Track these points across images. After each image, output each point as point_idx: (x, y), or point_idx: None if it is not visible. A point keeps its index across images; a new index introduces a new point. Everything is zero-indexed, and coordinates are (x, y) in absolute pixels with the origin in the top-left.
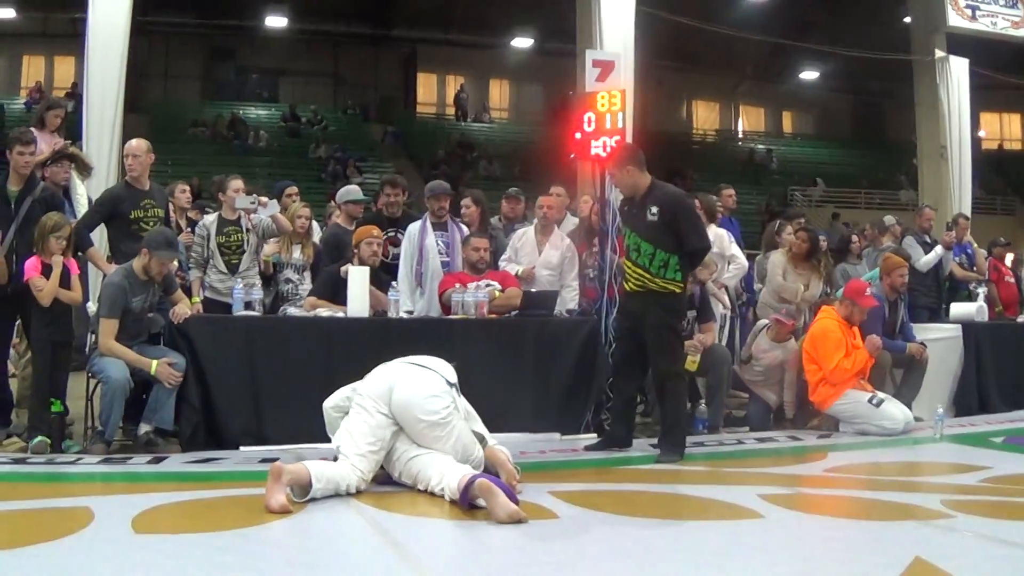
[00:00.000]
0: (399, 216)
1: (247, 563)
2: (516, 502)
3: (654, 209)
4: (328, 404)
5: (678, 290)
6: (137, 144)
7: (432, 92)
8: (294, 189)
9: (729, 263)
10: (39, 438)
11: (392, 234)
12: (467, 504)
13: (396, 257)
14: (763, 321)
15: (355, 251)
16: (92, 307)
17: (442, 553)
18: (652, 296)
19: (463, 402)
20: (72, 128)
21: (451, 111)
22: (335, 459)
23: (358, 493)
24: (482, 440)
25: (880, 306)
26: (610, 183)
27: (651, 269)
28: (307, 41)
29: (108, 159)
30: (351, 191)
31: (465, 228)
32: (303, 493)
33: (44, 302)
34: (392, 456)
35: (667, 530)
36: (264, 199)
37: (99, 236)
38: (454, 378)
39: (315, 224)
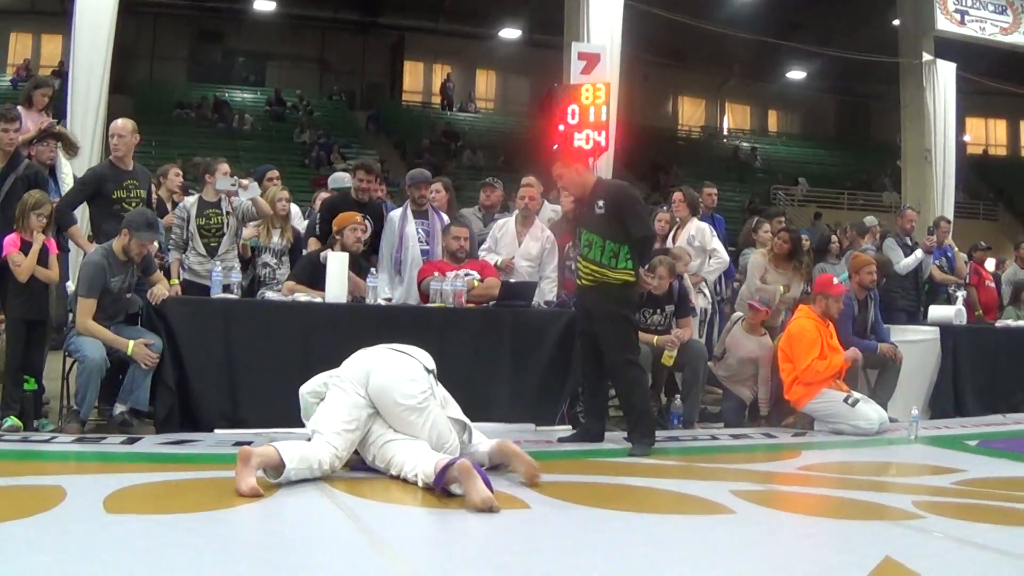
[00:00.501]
0: (366, 202)
1: (218, 545)
2: (491, 490)
3: (600, 203)
4: (304, 389)
5: (630, 279)
6: (123, 124)
7: (419, 80)
8: (275, 173)
9: (710, 257)
10: (10, 419)
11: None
12: (440, 488)
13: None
14: (737, 314)
15: (337, 237)
16: (71, 286)
17: (412, 539)
18: (604, 288)
19: (441, 390)
20: (57, 107)
21: (437, 100)
22: (309, 440)
23: (331, 477)
24: (463, 427)
25: (850, 304)
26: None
27: (602, 260)
28: (295, 26)
29: (92, 138)
30: (340, 178)
31: (445, 217)
32: (276, 474)
33: (21, 278)
34: (367, 440)
35: (638, 523)
36: (244, 181)
37: (81, 215)
38: (432, 365)
39: (295, 208)
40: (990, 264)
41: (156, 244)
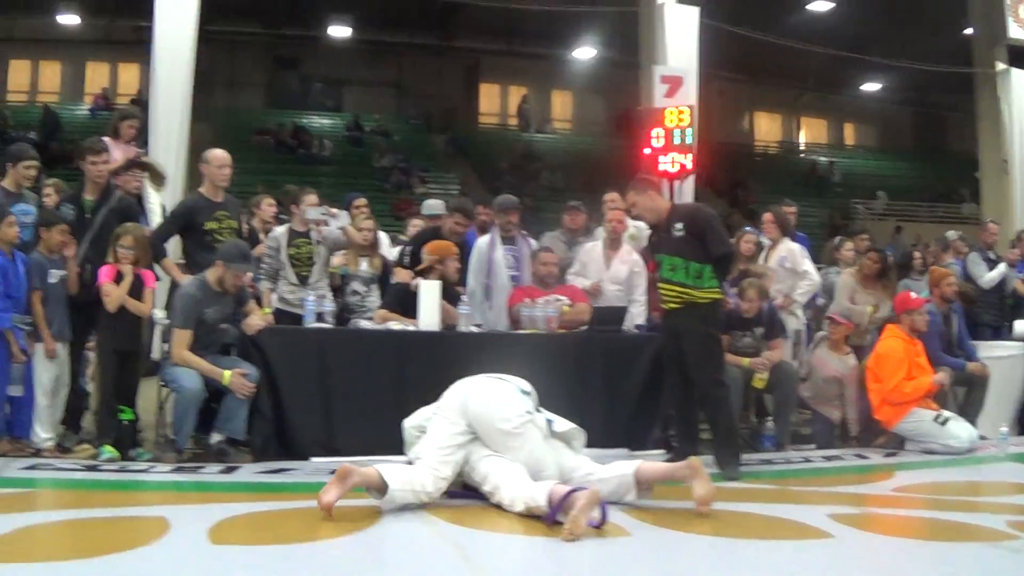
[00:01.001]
0: (457, 243)
1: (326, 574)
2: (604, 522)
3: (679, 225)
4: (408, 423)
5: (718, 296)
6: (224, 155)
7: (495, 102)
8: (362, 201)
9: (802, 279)
10: (107, 450)
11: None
12: (553, 518)
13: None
14: (821, 333)
15: (437, 265)
16: (159, 314)
17: (513, 568)
18: (691, 308)
19: (545, 413)
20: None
21: (514, 121)
22: (410, 465)
23: (432, 506)
24: (573, 437)
25: (936, 321)
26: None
27: (687, 281)
28: (371, 51)
29: (175, 167)
30: (433, 205)
31: (534, 242)
32: (380, 495)
33: (109, 308)
34: (467, 459)
35: (737, 549)
36: (335, 211)
37: (173, 246)
38: (529, 388)
39: (383, 235)
40: None
41: (249, 274)
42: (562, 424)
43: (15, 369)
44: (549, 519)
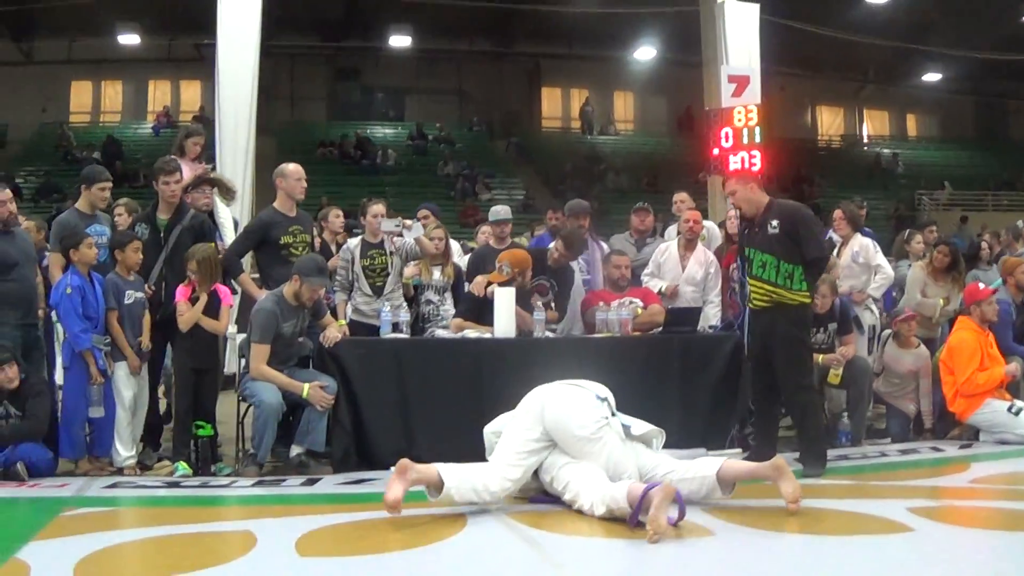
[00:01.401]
0: (556, 269)
1: None
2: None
3: (774, 223)
4: (488, 429)
5: (807, 300)
6: (300, 169)
7: (557, 106)
8: (425, 212)
9: (875, 273)
10: (181, 466)
11: (543, 280)
12: (636, 520)
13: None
14: (887, 332)
15: (518, 277)
16: (231, 329)
17: (596, 570)
18: (780, 309)
19: (622, 418)
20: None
21: (576, 124)
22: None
23: (514, 512)
24: (652, 439)
25: (1008, 311)
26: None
27: (777, 281)
28: (431, 59)
29: (243, 181)
30: (496, 211)
31: (605, 246)
32: (436, 493)
33: (182, 327)
34: (544, 465)
35: (820, 546)
36: (408, 222)
37: (249, 261)
38: (605, 393)
39: (455, 244)
40: None
41: (324, 288)
42: (640, 427)
43: (94, 390)
44: (632, 521)
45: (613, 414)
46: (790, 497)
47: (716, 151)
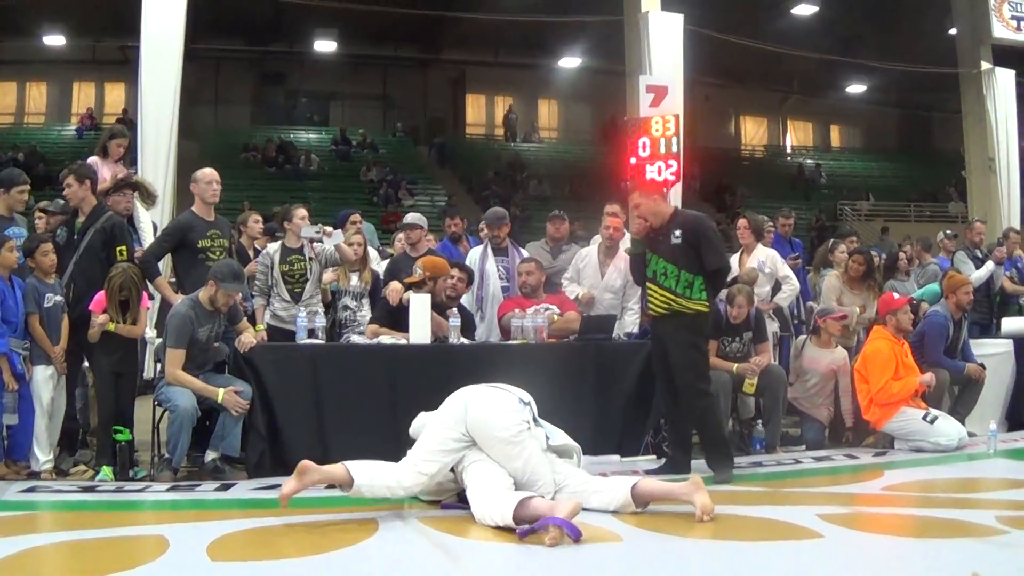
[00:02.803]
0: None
1: None
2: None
3: (677, 232)
4: (412, 429)
5: (704, 309)
6: (213, 172)
7: (481, 113)
8: (356, 217)
9: (781, 284)
10: (105, 471)
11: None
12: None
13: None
14: (801, 338)
15: (429, 282)
16: (149, 333)
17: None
18: (677, 317)
19: (545, 425)
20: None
21: (500, 132)
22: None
23: (427, 517)
24: (570, 452)
25: (945, 326)
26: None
27: (676, 289)
28: (356, 64)
29: (164, 185)
30: (407, 217)
31: (525, 253)
32: (347, 488)
33: (91, 338)
34: (461, 462)
35: (729, 552)
36: (329, 228)
37: (165, 265)
38: (529, 399)
39: (372, 251)
40: None
41: (241, 293)
42: (560, 437)
43: (8, 397)
44: (522, 532)
45: (536, 421)
46: (703, 508)
47: (633, 160)
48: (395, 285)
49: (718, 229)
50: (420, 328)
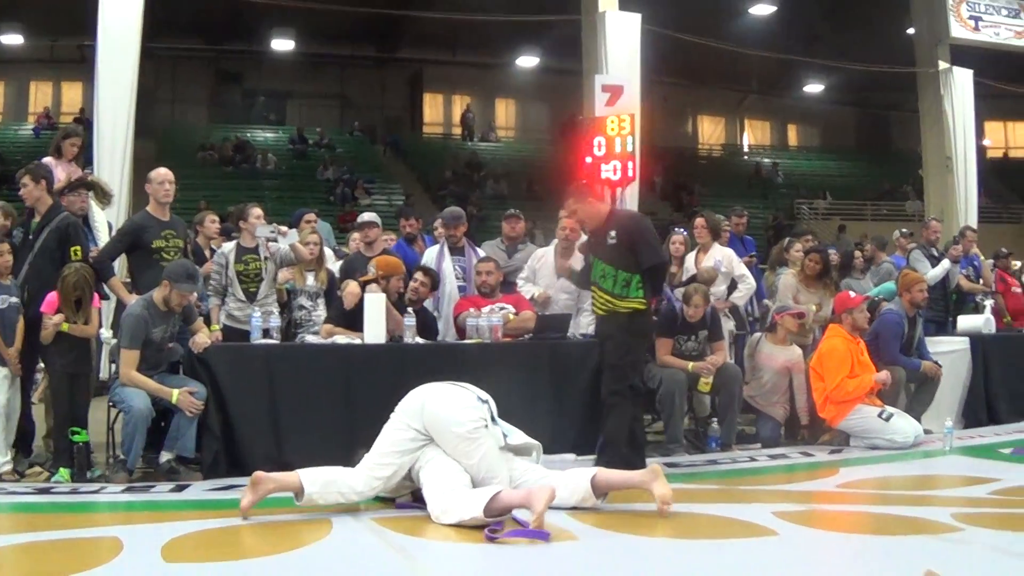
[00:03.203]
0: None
1: None
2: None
3: (612, 233)
4: None
5: (641, 307)
6: (167, 172)
7: (439, 112)
8: (311, 216)
9: (737, 283)
10: (62, 473)
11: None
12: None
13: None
14: (756, 335)
15: (382, 280)
16: (105, 334)
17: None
18: (616, 317)
19: (502, 424)
20: (84, 154)
21: (458, 131)
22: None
23: (383, 518)
24: (528, 451)
25: (900, 323)
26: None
27: (613, 290)
28: (313, 63)
29: (120, 184)
30: (362, 216)
31: (482, 252)
32: (300, 498)
33: (44, 339)
34: (418, 461)
35: (684, 550)
36: (284, 228)
37: (120, 265)
38: (487, 396)
39: (328, 251)
40: (1018, 266)
41: (195, 294)
42: (519, 436)
43: None
44: (489, 534)
45: (494, 419)
46: (662, 499)
47: (588, 159)
48: (352, 288)
49: (650, 225)
50: (375, 327)
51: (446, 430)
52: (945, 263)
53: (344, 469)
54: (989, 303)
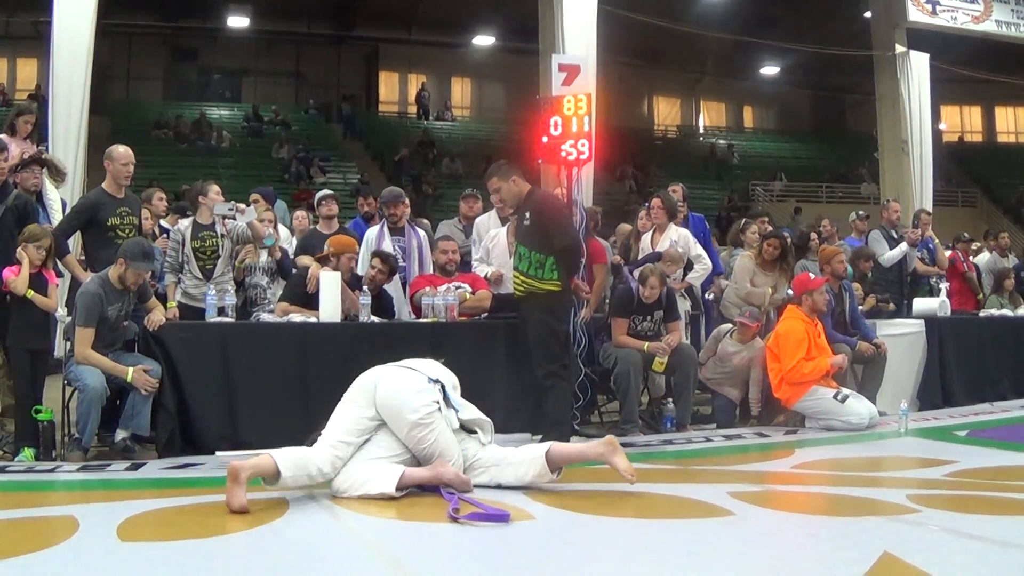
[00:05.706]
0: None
1: (234, 570)
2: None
3: (527, 215)
4: None
5: (556, 288)
6: (127, 151)
7: (394, 91)
8: (256, 196)
9: (693, 263)
10: (26, 452)
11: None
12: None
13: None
14: (725, 326)
15: (333, 258)
16: (61, 313)
17: (421, 554)
18: (534, 298)
19: (453, 400)
20: (38, 131)
21: (413, 110)
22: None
23: (338, 498)
24: (481, 427)
25: (828, 299)
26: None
27: (529, 272)
28: (269, 41)
29: (74, 162)
30: (319, 194)
31: (422, 233)
32: (274, 481)
33: (18, 291)
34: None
35: (641, 529)
36: (242, 206)
37: (74, 242)
38: (438, 374)
39: (283, 229)
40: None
41: (151, 272)
42: (469, 412)
43: None
44: (451, 514)
45: (446, 397)
46: (627, 472)
47: (545, 139)
48: (313, 271)
49: (563, 206)
50: (330, 306)
51: (399, 417)
52: (903, 246)
53: (309, 450)
54: (944, 286)
